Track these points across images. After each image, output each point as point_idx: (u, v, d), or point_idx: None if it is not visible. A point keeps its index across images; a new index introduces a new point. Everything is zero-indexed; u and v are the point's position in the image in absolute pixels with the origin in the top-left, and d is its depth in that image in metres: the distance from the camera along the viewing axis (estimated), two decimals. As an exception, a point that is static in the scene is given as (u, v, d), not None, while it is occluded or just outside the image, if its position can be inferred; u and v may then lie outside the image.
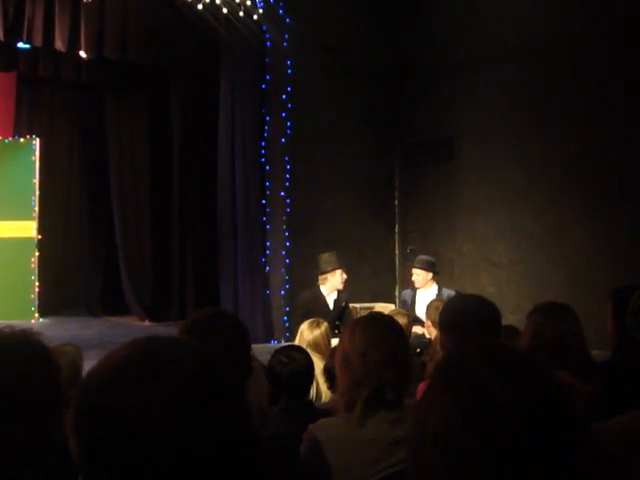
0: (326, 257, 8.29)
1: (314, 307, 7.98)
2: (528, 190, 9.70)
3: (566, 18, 9.34)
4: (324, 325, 5.62)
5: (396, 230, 11.52)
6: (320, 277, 8.23)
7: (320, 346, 5.40)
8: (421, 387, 3.15)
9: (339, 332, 7.81)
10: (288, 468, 2.62)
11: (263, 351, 6.48)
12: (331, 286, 8.18)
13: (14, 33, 9.58)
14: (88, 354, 8.63)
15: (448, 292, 8.00)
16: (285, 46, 10.26)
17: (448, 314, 3.11)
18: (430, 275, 8.20)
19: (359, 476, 2.61)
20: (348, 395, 2.69)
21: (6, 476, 1.92)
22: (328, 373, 4.32)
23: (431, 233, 11.02)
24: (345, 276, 8.21)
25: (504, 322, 3.53)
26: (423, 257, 8.44)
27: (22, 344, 2.07)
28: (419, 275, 8.17)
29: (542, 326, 3.60)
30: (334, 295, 8.20)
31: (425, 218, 11.11)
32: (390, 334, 2.75)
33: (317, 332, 5.51)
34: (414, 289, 8.25)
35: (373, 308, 9.45)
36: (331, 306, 8.16)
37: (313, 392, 4.59)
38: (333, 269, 8.15)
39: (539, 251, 9.61)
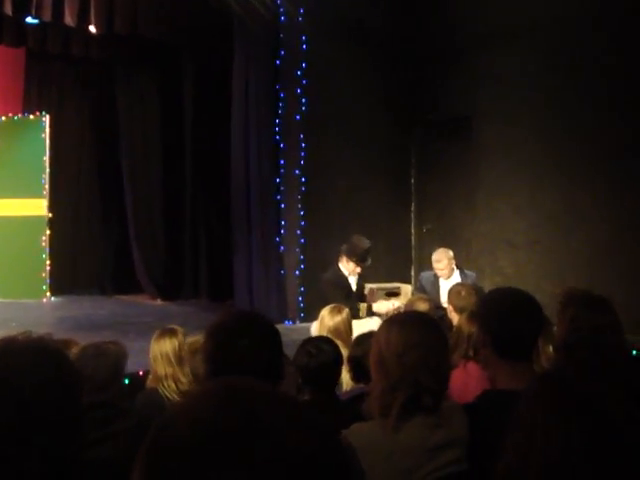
0: (355, 243, 8.19)
1: (339, 283, 7.97)
2: (548, 169, 9.52)
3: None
4: (345, 311, 5.51)
5: (412, 209, 11.37)
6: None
7: (341, 333, 5.31)
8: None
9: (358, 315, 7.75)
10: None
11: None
12: (344, 267, 8.13)
13: (23, 8, 9.40)
14: (101, 335, 8.63)
15: (470, 274, 7.89)
16: (300, 21, 10.05)
17: (490, 312, 2.92)
18: (453, 263, 8.00)
19: (396, 485, 2.47)
20: (383, 400, 2.55)
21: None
22: (352, 363, 4.20)
23: (448, 212, 10.86)
24: (359, 269, 8.10)
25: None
26: (441, 250, 8.21)
27: (38, 354, 1.90)
28: (443, 269, 7.95)
29: (578, 320, 3.45)
30: (355, 276, 8.15)
31: (442, 197, 10.95)
32: (429, 334, 2.60)
33: (338, 318, 5.40)
34: (435, 275, 8.03)
35: (398, 288, 9.33)
36: (354, 287, 8.10)
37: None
38: (348, 259, 8.07)
39: (559, 231, 9.44)
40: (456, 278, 7.81)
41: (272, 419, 0.88)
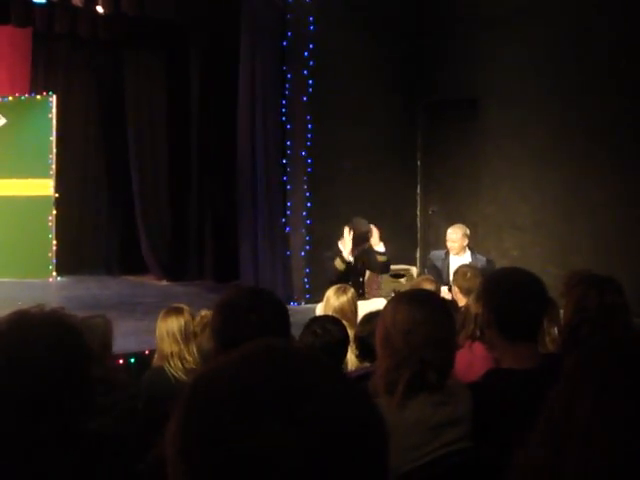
0: (356, 227, 8.06)
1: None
2: (554, 151, 9.49)
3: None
4: (351, 291, 5.53)
5: (418, 191, 11.34)
6: None
7: (346, 313, 5.32)
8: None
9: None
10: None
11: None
12: (342, 246, 7.99)
13: (30, -13, 9.39)
14: (107, 315, 8.59)
15: (481, 258, 7.81)
16: (307, 2, 10.00)
17: (494, 292, 2.93)
18: (466, 241, 7.95)
19: (401, 461, 2.48)
20: (389, 377, 2.56)
21: (35, 472, 1.80)
22: (359, 341, 4.21)
23: (454, 194, 10.84)
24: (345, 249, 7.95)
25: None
26: (458, 224, 8.15)
27: (52, 327, 1.91)
28: (455, 242, 7.89)
29: (585, 300, 3.45)
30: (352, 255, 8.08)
31: (448, 179, 10.92)
32: (435, 312, 2.60)
33: (344, 298, 5.41)
34: (446, 252, 7.99)
35: (406, 270, 9.31)
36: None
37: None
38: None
39: (565, 214, 9.43)
40: (467, 258, 7.76)
41: (314, 379, 0.89)
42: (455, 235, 7.87)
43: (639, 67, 8.68)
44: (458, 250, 7.83)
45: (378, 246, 7.92)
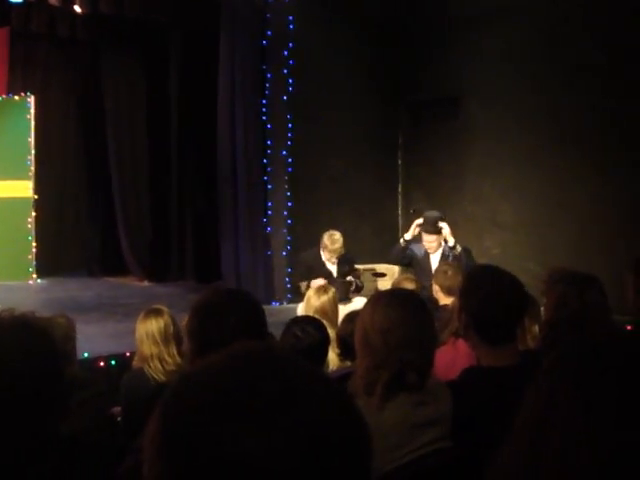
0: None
1: (314, 267, 7.97)
2: (536, 150, 9.50)
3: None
4: (332, 291, 5.51)
5: (399, 190, 11.34)
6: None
7: (327, 312, 5.30)
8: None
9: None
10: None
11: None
12: (323, 254, 8.18)
13: (6, -13, 9.32)
14: (88, 317, 8.60)
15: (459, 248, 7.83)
16: (286, 1, 9.98)
17: (471, 296, 2.89)
18: (442, 237, 7.96)
19: (381, 462, 2.47)
20: (368, 377, 2.54)
21: (12, 477, 1.77)
22: (341, 341, 4.18)
23: (435, 193, 10.83)
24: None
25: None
26: (432, 215, 8.13)
27: (22, 331, 1.88)
28: (432, 242, 7.90)
29: (565, 297, 3.45)
30: (334, 263, 8.16)
31: (429, 178, 10.92)
32: (414, 312, 2.58)
33: (324, 298, 5.39)
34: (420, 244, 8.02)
35: (377, 269, 9.33)
36: (334, 273, 8.15)
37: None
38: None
39: (545, 213, 9.44)
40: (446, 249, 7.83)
41: (297, 382, 0.88)
42: (431, 236, 7.90)
43: (617, 67, 8.71)
44: (436, 249, 7.88)
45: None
